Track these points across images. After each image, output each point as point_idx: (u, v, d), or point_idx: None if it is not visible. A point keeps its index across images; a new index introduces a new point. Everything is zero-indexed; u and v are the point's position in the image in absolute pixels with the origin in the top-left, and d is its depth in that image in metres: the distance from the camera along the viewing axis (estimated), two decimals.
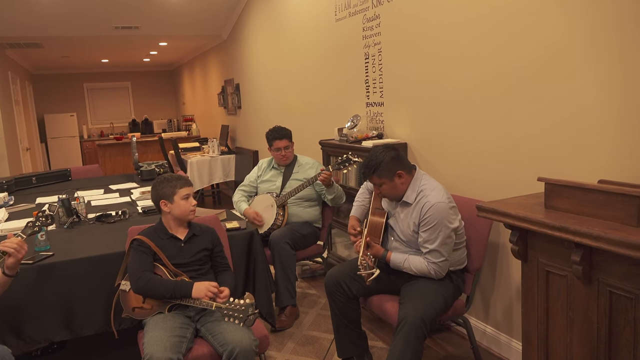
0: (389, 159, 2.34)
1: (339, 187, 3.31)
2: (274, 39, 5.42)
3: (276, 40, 5.37)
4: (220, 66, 7.93)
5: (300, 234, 3.31)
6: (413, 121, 3.17)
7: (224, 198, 7.53)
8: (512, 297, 2.60)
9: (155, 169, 4.87)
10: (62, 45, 7.82)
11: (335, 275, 2.55)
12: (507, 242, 2.52)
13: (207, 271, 2.36)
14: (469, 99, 2.68)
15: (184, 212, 2.31)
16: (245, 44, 6.49)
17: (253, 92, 6.39)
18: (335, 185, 3.26)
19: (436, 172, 2.96)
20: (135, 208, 3.53)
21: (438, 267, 2.31)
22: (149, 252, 2.25)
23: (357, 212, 2.76)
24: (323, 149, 3.86)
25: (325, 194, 3.33)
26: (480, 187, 2.68)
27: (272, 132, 3.47)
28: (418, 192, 2.36)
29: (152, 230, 2.36)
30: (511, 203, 1.89)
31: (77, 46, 7.99)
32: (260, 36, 5.87)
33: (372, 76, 3.54)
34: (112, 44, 7.93)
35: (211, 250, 2.39)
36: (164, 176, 2.38)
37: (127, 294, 2.26)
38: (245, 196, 3.57)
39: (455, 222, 2.32)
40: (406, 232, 2.41)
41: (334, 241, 4.20)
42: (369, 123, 3.61)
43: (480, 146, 2.64)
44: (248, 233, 2.83)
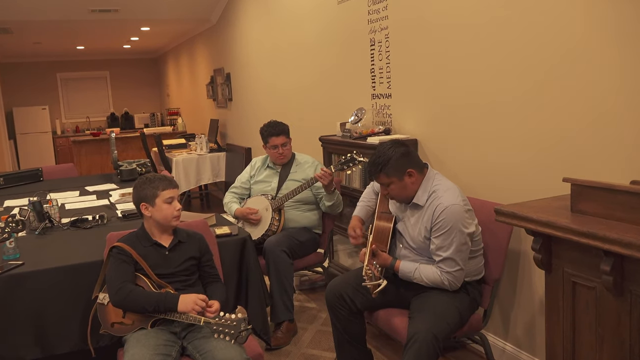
0: (398, 155, 2.35)
1: (339, 196, 3.33)
2: (269, 24, 5.43)
3: (272, 25, 5.38)
4: (209, 54, 7.94)
5: (298, 240, 3.31)
6: (424, 115, 3.17)
7: (214, 201, 7.53)
8: (534, 311, 2.60)
9: (136, 169, 4.88)
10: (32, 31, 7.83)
11: (338, 286, 2.55)
12: (529, 250, 2.52)
13: (194, 282, 2.35)
14: (487, 90, 2.69)
15: (166, 217, 2.31)
16: (237, 29, 6.50)
17: (246, 83, 6.40)
18: (336, 193, 3.27)
19: (450, 171, 2.97)
20: (114, 212, 3.53)
21: (453, 277, 2.32)
22: (130, 261, 2.25)
23: (361, 212, 2.75)
24: (324, 146, 3.86)
25: (323, 199, 3.33)
26: (499, 188, 2.68)
27: (267, 128, 3.47)
28: (430, 194, 2.37)
29: (134, 236, 2.36)
30: (533, 206, 1.90)
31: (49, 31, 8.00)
32: (254, 20, 5.88)
33: (379, 65, 3.55)
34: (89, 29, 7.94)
35: (199, 259, 2.39)
36: (146, 176, 2.38)
37: (105, 308, 2.26)
38: (237, 198, 3.58)
39: (471, 227, 2.33)
40: (416, 238, 2.41)
41: (336, 249, 4.21)
42: (375, 117, 3.62)
43: (499, 143, 2.65)
44: (240, 240, 2.83)
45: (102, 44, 9.99)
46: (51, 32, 8.10)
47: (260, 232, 3.34)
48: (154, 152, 7.47)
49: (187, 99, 9.83)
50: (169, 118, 10.61)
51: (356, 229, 2.65)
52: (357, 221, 2.71)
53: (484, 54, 2.67)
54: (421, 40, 3.12)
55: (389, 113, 3.49)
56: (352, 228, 2.66)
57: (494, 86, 2.64)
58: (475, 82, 2.75)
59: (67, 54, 11.09)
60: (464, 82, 2.83)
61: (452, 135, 2.96)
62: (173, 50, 10.52)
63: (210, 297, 2.29)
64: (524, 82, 2.47)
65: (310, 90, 4.65)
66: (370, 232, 2.54)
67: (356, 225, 2.67)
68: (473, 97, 2.78)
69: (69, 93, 11.83)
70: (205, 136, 6.95)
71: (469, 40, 2.76)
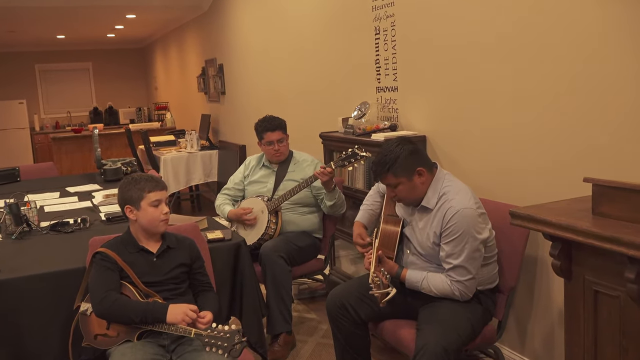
0: (406, 153, 2.35)
1: (341, 194, 3.33)
2: (266, 11, 5.43)
3: (269, 12, 5.38)
4: (200, 43, 7.94)
5: (296, 246, 3.31)
6: (433, 110, 3.18)
7: (205, 203, 7.54)
8: (553, 322, 2.60)
9: (121, 168, 4.89)
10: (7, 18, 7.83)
11: (340, 296, 2.56)
12: (547, 256, 2.52)
13: (184, 291, 2.36)
14: (502, 84, 2.69)
15: (152, 222, 2.32)
16: (230, 17, 6.51)
17: (240, 75, 6.41)
18: (337, 191, 3.27)
19: (461, 171, 2.97)
20: (97, 215, 3.53)
21: (464, 287, 2.32)
22: (115, 267, 2.25)
23: (364, 218, 2.76)
24: (324, 144, 3.87)
25: (323, 198, 3.34)
26: (514, 189, 2.68)
27: (262, 123, 3.47)
28: (440, 196, 2.37)
29: (119, 241, 2.36)
30: (552, 209, 1.90)
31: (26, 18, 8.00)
32: (249, 7, 5.88)
33: (384, 55, 3.55)
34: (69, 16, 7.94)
35: (189, 265, 2.40)
36: (131, 176, 2.39)
37: (88, 319, 2.26)
38: (230, 200, 3.58)
39: (484, 232, 2.33)
40: (425, 244, 2.41)
41: (338, 255, 4.21)
42: (380, 112, 3.62)
43: (515, 141, 2.65)
44: (234, 245, 2.84)
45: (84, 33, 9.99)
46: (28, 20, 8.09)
47: (255, 237, 3.35)
48: (141, 150, 7.47)
49: (176, 92, 9.83)
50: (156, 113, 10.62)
51: (362, 236, 2.65)
52: (361, 228, 2.71)
53: (500, 44, 2.67)
54: (430, 28, 3.12)
55: (395, 107, 3.50)
56: (358, 235, 2.66)
57: (510, 79, 2.64)
58: (490, 74, 2.75)
59: (45, 43, 11.10)
60: (477, 74, 2.83)
61: (464, 132, 2.97)
62: (161, 39, 10.52)
63: (201, 307, 2.29)
64: (543, 75, 2.47)
65: (310, 83, 4.65)
66: (375, 237, 2.54)
67: (362, 232, 2.67)
68: (487, 90, 2.78)
69: (49, 86, 11.84)
70: (195, 133, 6.95)
71: (484, 29, 2.76)
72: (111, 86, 12.19)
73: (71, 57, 11.92)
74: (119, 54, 12.25)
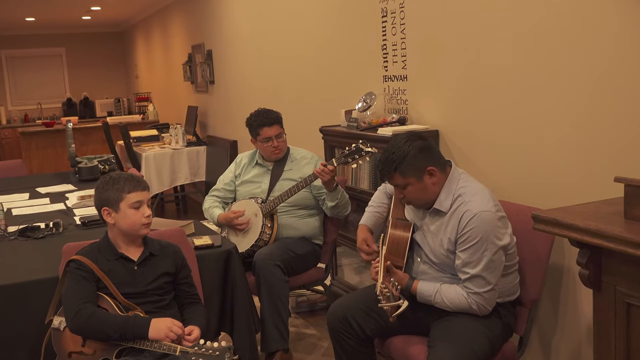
0: (416, 150, 2.35)
1: (344, 193, 3.32)
2: None
3: None
4: (186, 27, 7.94)
5: (294, 253, 3.32)
6: (447, 102, 3.18)
7: (192, 205, 7.53)
8: (580, 338, 2.60)
9: (98, 166, 4.89)
10: None
11: (343, 309, 2.56)
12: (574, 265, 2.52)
13: (169, 304, 2.36)
14: (525, 73, 2.69)
15: (133, 226, 2.32)
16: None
17: (231, 62, 6.41)
18: (339, 190, 3.27)
19: (478, 170, 2.97)
20: (71, 218, 3.54)
21: (482, 300, 2.32)
22: (91, 277, 2.26)
23: (369, 221, 2.75)
24: (325, 139, 3.87)
25: (325, 199, 3.34)
26: (537, 190, 2.68)
27: (257, 117, 3.47)
28: (455, 198, 2.37)
29: (96, 248, 2.36)
30: (579, 212, 1.90)
31: None
32: None
33: (392, 40, 3.55)
34: None
35: (174, 275, 2.40)
36: (109, 175, 2.39)
37: (61, 334, 2.27)
38: (220, 202, 3.58)
39: (504, 238, 2.33)
40: (438, 252, 2.41)
41: (340, 263, 4.21)
42: (388, 104, 3.63)
43: (538, 136, 2.65)
44: (224, 252, 2.84)
45: (57, 15, 9.99)
46: None
47: (248, 243, 3.35)
48: (120, 146, 7.47)
49: (159, 81, 9.83)
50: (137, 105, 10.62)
51: (368, 241, 2.65)
52: (366, 232, 2.70)
53: (528, 29, 2.67)
54: (444, 10, 3.12)
55: (404, 99, 3.50)
56: (363, 241, 2.66)
57: (536, 69, 2.64)
58: (512, 63, 2.75)
59: (13, 26, 11.09)
60: (498, 62, 2.83)
61: (481, 127, 2.97)
62: (143, 22, 10.52)
63: (187, 322, 2.29)
64: (573, 66, 2.46)
65: (309, 71, 4.65)
66: (383, 243, 2.54)
67: (367, 237, 2.67)
68: (508, 81, 2.78)
69: (16, 74, 11.83)
70: (181, 127, 6.95)
71: (505, 10, 2.77)
72: (87, 75, 12.19)
73: (42, 42, 11.92)
74: (95, 39, 12.25)
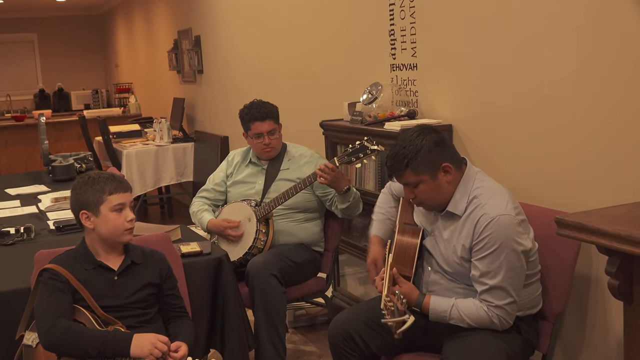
0: (430, 145, 2.34)
1: (355, 192, 3.30)
2: None
3: None
4: (171, 10, 7.94)
5: (292, 262, 3.32)
6: (462, 93, 3.18)
7: (178, 208, 7.53)
8: (610, 355, 2.61)
9: (74, 165, 4.88)
10: None
11: (345, 323, 2.56)
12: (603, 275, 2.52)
13: (153, 318, 2.36)
14: (549, 61, 2.69)
15: (114, 231, 2.32)
16: None
17: (221, 50, 6.40)
18: (351, 193, 3.19)
19: (495, 169, 2.97)
20: (44, 223, 3.54)
21: (505, 313, 2.31)
22: (66, 289, 2.26)
23: (381, 230, 2.74)
24: (326, 135, 3.87)
25: (335, 201, 3.32)
26: (561, 191, 2.68)
27: (249, 110, 3.48)
28: (470, 199, 2.37)
29: (72, 256, 2.36)
30: (608, 215, 1.90)
31: None
32: None
33: (400, 25, 3.55)
34: None
35: (159, 286, 2.40)
36: (87, 175, 2.39)
37: (34, 352, 2.26)
38: (209, 205, 3.59)
39: (526, 243, 2.33)
40: (451, 260, 2.41)
41: (343, 272, 4.21)
42: (396, 95, 3.62)
43: (562, 131, 2.65)
44: (214, 260, 2.84)
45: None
46: None
47: (241, 251, 3.35)
48: (98, 143, 7.47)
49: (142, 71, 9.83)
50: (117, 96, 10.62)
51: (378, 262, 2.63)
52: (378, 248, 2.66)
53: (551, 9, 2.67)
54: None
55: (414, 90, 3.50)
56: (373, 262, 2.64)
57: (561, 57, 2.64)
58: (535, 49, 2.75)
59: None
60: (519, 50, 2.82)
61: (499, 121, 2.96)
62: (123, 4, 10.52)
63: (173, 338, 2.29)
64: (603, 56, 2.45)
65: (308, 59, 4.65)
66: (389, 251, 2.54)
67: (379, 257, 2.64)
68: (530, 70, 2.78)
69: None
70: (166, 121, 6.94)
71: None
72: (61, 63, 12.19)
73: (11, 27, 11.91)
74: (70, 23, 12.25)
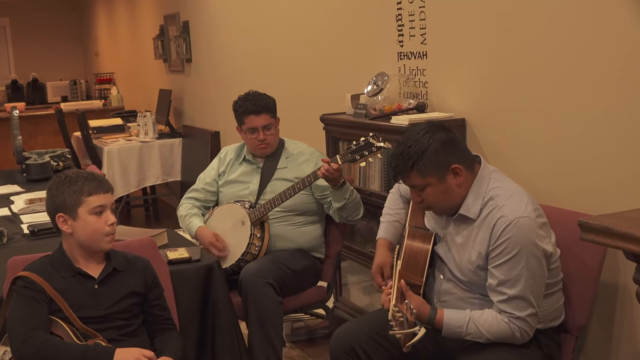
0: (438, 144, 2.34)
1: (354, 192, 3.30)
2: None
3: None
4: None
5: (289, 269, 3.32)
6: (476, 84, 3.18)
7: (165, 211, 7.53)
8: None
9: (50, 163, 4.88)
10: None
11: (348, 337, 2.56)
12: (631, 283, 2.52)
13: (136, 330, 2.36)
14: (571, 49, 2.69)
15: (94, 236, 2.32)
16: None
17: (212, 36, 6.40)
18: (347, 187, 3.25)
19: (512, 167, 2.97)
20: (18, 226, 3.54)
21: (526, 325, 2.30)
22: (42, 298, 2.25)
23: (389, 233, 2.74)
24: (327, 130, 3.86)
25: (331, 200, 3.33)
26: (584, 192, 2.68)
27: (244, 103, 3.48)
28: (485, 201, 2.37)
29: (48, 263, 2.36)
30: (636, 218, 1.90)
31: None
32: None
33: (408, 9, 3.55)
34: None
35: (144, 295, 2.40)
36: (65, 174, 2.39)
37: None
38: (199, 207, 3.58)
39: (548, 248, 2.32)
40: (465, 267, 2.41)
41: (346, 281, 4.21)
42: (403, 87, 3.62)
43: (586, 126, 2.65)
44: (204, 268, 2.84)
45: None
46: None
47: (234, 257, 3.35)
48: (76, 138, 7.46)
49: (125, 59, 9.82)
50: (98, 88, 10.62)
51: (385, 270, 2.62)
52: (385, 253, 2.67)
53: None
54: None
55: (423, 81, 3.50)
56: (379, 268, 2.65)
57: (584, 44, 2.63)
58: (556, 36, 2.75)
59: None
60: (538, 35, 2.82)
61: (517, 116, 2.96)
62: None
63: (159, 352, 2.29)
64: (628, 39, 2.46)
65: (308, 47, 4.65)
66: (397, 257, 2.53)
67: (385, 262, 2.64)
68: (551, 59, 2.78)
69: None
70: (151, 115, 6.94)
71: None
72: (36, 51, 12.17)
73: None
74: (46, 7, 12.23)
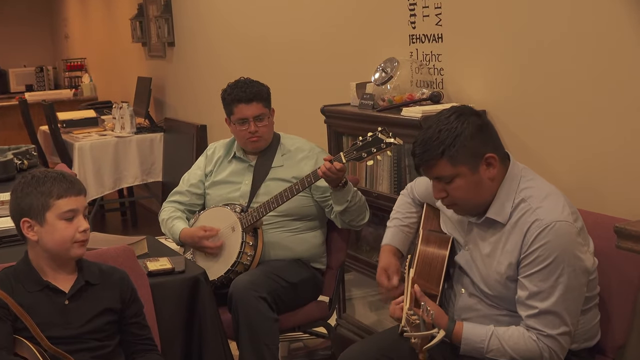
0: (473, 129, 2.31)
1: (357, 193, 3.30)
2: None
3: None
4: None
5: (286, 282, 3.32)
6: (498, 71, 3.18)
7: (144, 215, 7.53)
8: None
9: (13, 161, 4.88)
10: None
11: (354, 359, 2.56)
12: None
13: (112, 352, 2.37)
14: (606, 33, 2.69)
15: (63, 244, 2.32)
16: None
17: (198, 17, 6.41)
18: (349, 188, 3.25)
19: (539, 166, 2.96)
20: None
21: (557, 345, 2.29)
22: (5, 315, 2.26)
23: (395, 239, 2.75)
24: (329, 123, 3.87)
25: (331, 203, 3.33)
26: (621, 194, 2.68)
27: (233, 90, 3.48)
28: (517, 203, 2.35)
29: (11, 275, 2.37)
30: None
31: None
32: None
33: None
34: None
35: (120, 312, 2.41)
36: (31, 174, 2.39)
37: None
38: (182, 211, 3.59)
39: (587, 258, 2.31)
40: (492, 280, 2.39)
41: (350, 295, 4.21)
42: (416, 74, 3.63)
43: (621, 120, 2.65)
44: (189, 280, 2.84)
45: None
46: None
47: (223, 268, 3.36)
48: (43, 133, 7.47)
49: (98, 43, 9.83)
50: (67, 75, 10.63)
51: (390, 271, 2.64)
52: (390, 256, 2.68)
53: None
54: None
55: (438, 67, 3.50)
56: (383, 270, 2.65)
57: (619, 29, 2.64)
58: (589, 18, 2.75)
59: None
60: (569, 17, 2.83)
61: (544, 107, 2.97)
62: None
63: None
64: None
65: (308, 30, 4.65)
66: (409, 265, 2.53)
67: (390, 265, 2.65)
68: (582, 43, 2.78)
69: None
70: (129, 106, 6.94)
71: None
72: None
73: None
74: None
